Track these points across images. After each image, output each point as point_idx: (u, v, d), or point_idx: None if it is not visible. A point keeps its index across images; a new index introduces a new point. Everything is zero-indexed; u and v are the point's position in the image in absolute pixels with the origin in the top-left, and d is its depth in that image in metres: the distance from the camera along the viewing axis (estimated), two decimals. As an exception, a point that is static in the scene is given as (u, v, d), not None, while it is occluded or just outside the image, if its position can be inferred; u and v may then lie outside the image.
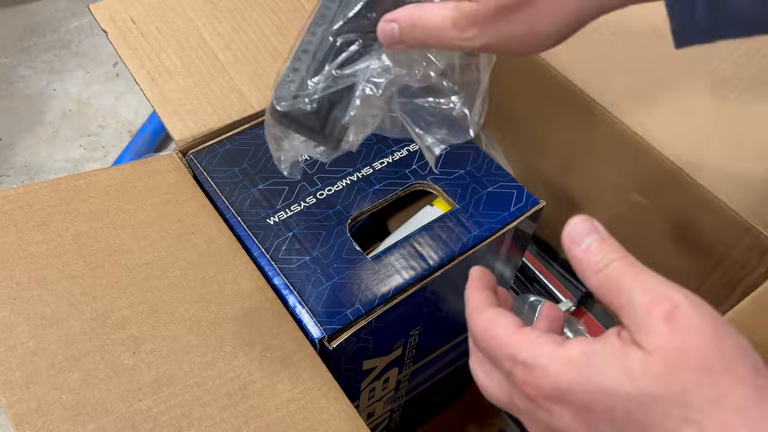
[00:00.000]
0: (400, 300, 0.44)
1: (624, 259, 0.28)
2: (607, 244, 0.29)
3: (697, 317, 0.25)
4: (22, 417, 0.34)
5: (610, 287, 0.28)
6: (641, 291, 0.26)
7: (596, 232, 0.29)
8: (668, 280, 0.27)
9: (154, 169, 0.48)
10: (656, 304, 0.26)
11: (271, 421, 0.37)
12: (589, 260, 0.29)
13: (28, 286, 0.39)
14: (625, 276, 0.27)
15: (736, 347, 0.25)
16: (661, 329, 0.25)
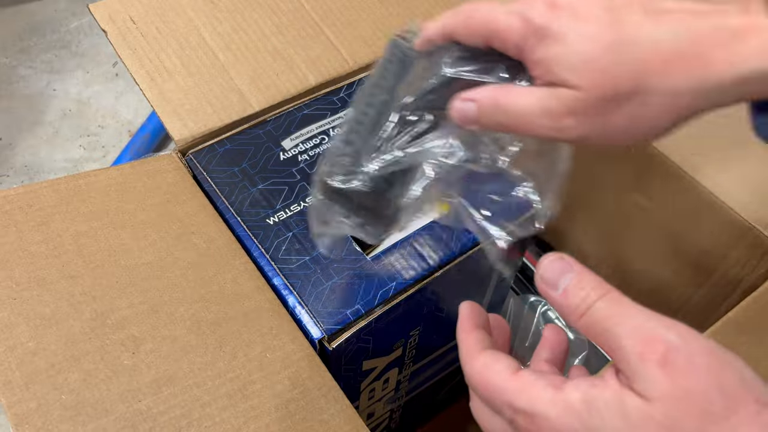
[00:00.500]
0: (400, 300, 0.44)
1: (605, 296, 0.27)
2: (584, 282, 0.28)
3: (693, 356, 0.24)
4: (21, 417, 0.34)
5: (597, 332, 0.27)
6: (630, 335, 0.25)
7: (570, 270, 0.28)
8: (656, 315, 0.26)
9: (153, 169, 0.48)
10: (648, 349, 0.24)
11: (270, 421, 0.37)
12: (569, 305, 0.28)
13: (28, 286, 0.39)
14: (610, 319, 0.26)
15: (738, 381, 0.24)
16: (657, 377, 0.24)
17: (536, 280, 0.29)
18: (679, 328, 0.25)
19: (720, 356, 0.24)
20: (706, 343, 0.24)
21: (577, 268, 0.28)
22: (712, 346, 0.24)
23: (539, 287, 0.29)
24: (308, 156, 0.51)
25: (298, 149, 0.51)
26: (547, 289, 0.28)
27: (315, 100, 0.55)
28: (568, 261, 0.28)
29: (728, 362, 0.24)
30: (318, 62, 0.56)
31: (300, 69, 0.55)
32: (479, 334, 0.31)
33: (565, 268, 0.28)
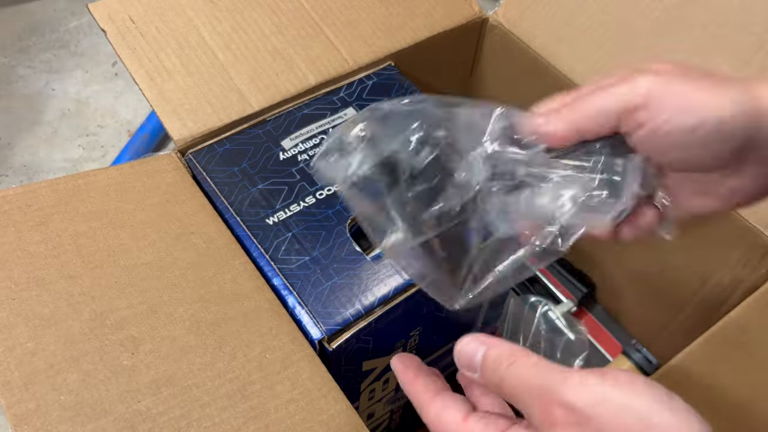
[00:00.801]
0: (400, 300, 0.44)
1: (513, 365, 0.28)
2: (494, 353, 0.29)
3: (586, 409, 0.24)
4: (21, 417, 0.34)
5: (515, 401, 0.28)
6: (532, 400, 0.26)
7: (483, 345, 0.29)
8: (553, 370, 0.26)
9: (153, 169, 0.48)
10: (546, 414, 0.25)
11: (270, 422, 0.37)
12: (488, 381, 0.29)
13: (27, 286, 0.39)
14: (517, 387, 0.27)
15: (640, 423, 0.24)
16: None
17: (456, 361, 0.31)
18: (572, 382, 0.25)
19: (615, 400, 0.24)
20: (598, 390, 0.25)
21: (490, 342, 0.30)
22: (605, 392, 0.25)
23: (459, 366, 0.31)
24: (308, 156, 0.51)
25: (298, 149, 0.51)
26: (467, 371, 0.30)
27: (315, 100, 0.55)
28: (480, 339, 0.30)
29: (623, 404, 0.24)
30: (318, 62, 0.56)
31: (300, 69, 0.55)
32: (423, 379, 0.32)
33: (476, 348, 0.30)
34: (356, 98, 0.55)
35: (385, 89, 0.56)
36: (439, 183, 0.33)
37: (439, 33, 0.61)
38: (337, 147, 0.33)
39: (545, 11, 0.61)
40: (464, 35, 0.64)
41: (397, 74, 0.57)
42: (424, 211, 0.33)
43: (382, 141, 0.32)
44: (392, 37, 0.59)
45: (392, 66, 0.58)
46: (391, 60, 0.59)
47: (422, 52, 0.60)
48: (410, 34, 0.60)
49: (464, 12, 0.63)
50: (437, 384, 0.32)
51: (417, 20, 0.60)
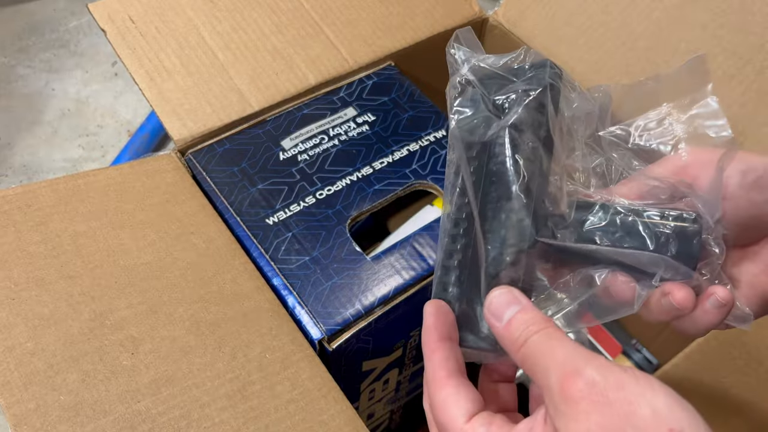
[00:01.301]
0: (400, 301, 0.44)
1: (543, 331, 0.28)
2: (527, 316, 0.29)
3: (608, 391, 0.25)
4: (20, 417, 0.34)
5: (531, 364, 0.28)
6: (554, 367, 0.26)
7: (516, 303, 0.30)
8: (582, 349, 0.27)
9: (152, 169, 0.48)
10: (566, 383, 0.25)
11: (270, 422, 0.37)
12: (510, 337, 0.29)
13: (27, 286, 0.39)
14: (540, 352, 0.28)
15: (650, 414, 0.24)
16: (575, 414, 0.25)
17: (484, 309, 0.31)
18: (597, 361, 0.26)
19: (632, 388, 0.25)
20: (619, 375, 0.25)
21: (524, 303, 0.30)
22: (624, 378, 0.25)
23: (485, 315, 0.31)
24: (308, 156, 0.51)
25: (298, 149, 0.51)
26: (493, 319, 0.30)
27: (315, 100, 0.55)
28: (516, 295, 0.30)
29: (640, 394, 0.25)
30: (318, 62, 0.56)
31: (300, 68, 0.55)
32: (446, 351, 0.32)
33: (511, 301, 0.30)
34: (356, 98, 0.55)
35: (385, 89, 0.56)
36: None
37: (440, 33, 0.61)
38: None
39: (545, 11, 0.61)
40: (464, 35, 0.64)
41: (397, 74, 0.57)
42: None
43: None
44: (392, 36, 0.59)
45: (392, 66, 0.58)
46: (391, 60, 0.59)
47: (422, 52, 0.60)
48: (410, 34, 0.60)
49: (464, 12, 0.63)
50: (455, 363, 0.31)
51: (417, 20, 0.60)
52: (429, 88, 0.59)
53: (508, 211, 0.31)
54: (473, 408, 0.30)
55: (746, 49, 0.51)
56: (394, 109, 0.54)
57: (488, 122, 0.33)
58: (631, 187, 0.35)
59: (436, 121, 0.54)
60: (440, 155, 0.52)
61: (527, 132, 0.32)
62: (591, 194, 0.34)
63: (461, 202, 0.33)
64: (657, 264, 0.31)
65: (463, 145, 0.32)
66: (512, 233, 0.31)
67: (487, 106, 0.33)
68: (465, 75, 0.35)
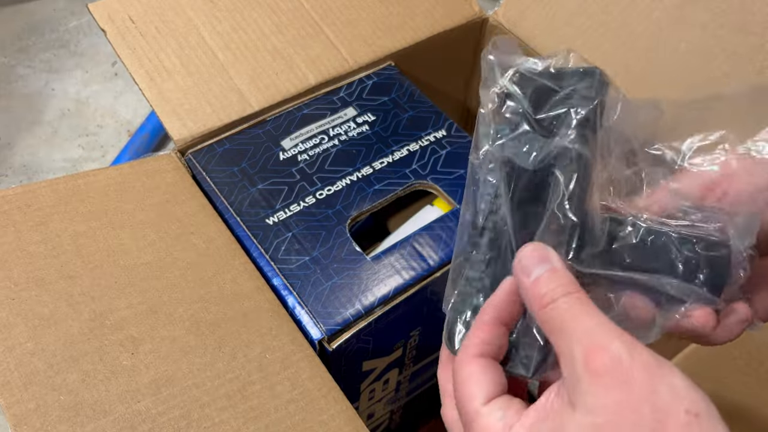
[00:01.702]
0: (400, 300, 0.44)
1: (571, 295, 0.27)
2: (557, 276, 0.28)
3: (632, 370, 0.24)
4: (20, 417, 0.34)
5: (553, 326, 0.27)
6: (580, 336, 0.26)
7: (548, 262, 0.29)
8: (609, 322, 0.26)
9: (152, 168, 0.48)
10: (591, 355, 0.25)
11: (270, 422, 0.37)
12: (536, 293, 0.28)
13: (27, 286, 0.39)
14: (567, 316, 0.27)
15: (669, 394, 0.24)
16: (595, 388, 0.24)
17: (514, 264, 0.30)
18: (625, 338, 0.25)
19: (654, 370, 0.25)
20: (645, 356, 0.25)
21: (556, 263, 0.29)
22: (649, 359, 0.25)
23: (515, 270, 0.30)
24: (308, 156, 0.51)
25: (298, 149, 0.51)
26: (521, 274, 0.29)
27: (315, 100, 0.55)
28: (549, 254, 0.29)
29: (661, 375, 0.24)
30: (318, 62, 0.56)
31: (300, 68, 0.55)
32: (491, 334, 0.30)
33: (543, 259, 0.29)
34: (356, 98, 0.55)
35: (385, 89, 0.56)
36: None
37: (440, 33, 0.61)
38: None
39: (545, 11, 0.61)
40: (464, 35, 0.64)
41: (397, 74, 0.57)
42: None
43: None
44: (392, 36, 0.59)
45: (392, 66, 0.58)
46: (391, 60, 0.59)
47: (422, 52, 0.60)
48: (410, 34, 0.60)
49: (464, 12, 0.63)
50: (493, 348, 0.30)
51: (417, 20, 0.60)
52: (429, 88, 0.59)
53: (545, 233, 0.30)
54: (495, 391, 0.29)
55: (746, 49, 0.51)
56: (394, 109, 0.54)
57: (533, 144, 0.31)
58: (655, 200, 0.33)
59: (436, 121, 0.54)
60: (440, 155, 0.52)
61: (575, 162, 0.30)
62: (612, 206, 0.33)
63: (494, 225, 0.32)
64: (685, 293, 0.31)
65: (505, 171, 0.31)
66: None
67: (531, 123, 0.32)
68: (505, 86, 0.33)
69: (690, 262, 0.31)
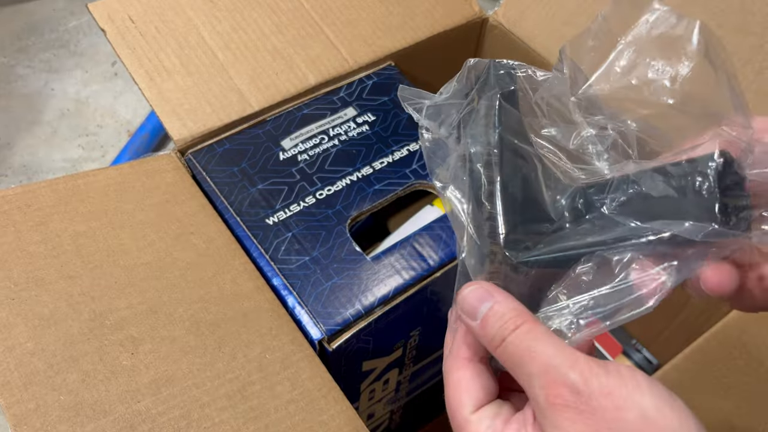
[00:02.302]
0: (400, 301, 0.44)
1: (519, 329, 0.27)
2: (502, 310, 0.28)
3: (594, 398, 0.24)
4: (20, 418, 0.34)
5: (512, 363, 0.27)
6: (537, 372, 0.26)
7: (490, 299, 0.28)
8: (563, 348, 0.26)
9: (152, 168, 0.48)
10: (553, 393, 0.25)
11: (270, 422, 0.37)
12: (486, 336, 0.28)
13: (27, 286, 0.39)
14: (520, 353, 0.26)
15: (639, 420, 0.24)
16: (558, 421, 0.24)
17: (456, 312, 0.29)
18: (581, 366, 0.25)
19: (618, 393, 0.24)
20: (606, 380, 0.25)
21: (498, 297, 0.28)
22: (611, 383, 0.25)
23: (460, 316, 0.29)
24: (308, 156, 0.51)
25: (298, 149, 0.51)
26: (467, 319, 0.29)
27: (315, 100, 0.55)
28: (488, 289, 0.29)
29: (626, 398, 0.24)
30: (318, 61, 0.56)
31: (300, 68, 0.55)
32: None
33: (484, 297, 0.28)
34: (356, 98, 0.55)
35: (385, 89, 0.56)
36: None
37: (440, 33, 0.61)
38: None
39: (545, 11, 0.61)
40: (464, 35, 0.64)
41: (397, 74, 0.57)
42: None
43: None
44: (392, 36, 0.59)
45: (392, 66, 0.58)
46: (391, 60, 0.58)
47: (422, 52, 0.60)
48: (410, 34, 0.60)
49: (464, 12, 0.63)
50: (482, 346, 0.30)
51: (417, 20, 0.60)
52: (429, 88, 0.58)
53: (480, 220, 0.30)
54: (485, 398, 0.29)
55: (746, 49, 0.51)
56: (394, 109, 0.54)
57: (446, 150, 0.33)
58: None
59: (436, 121, 0.54)
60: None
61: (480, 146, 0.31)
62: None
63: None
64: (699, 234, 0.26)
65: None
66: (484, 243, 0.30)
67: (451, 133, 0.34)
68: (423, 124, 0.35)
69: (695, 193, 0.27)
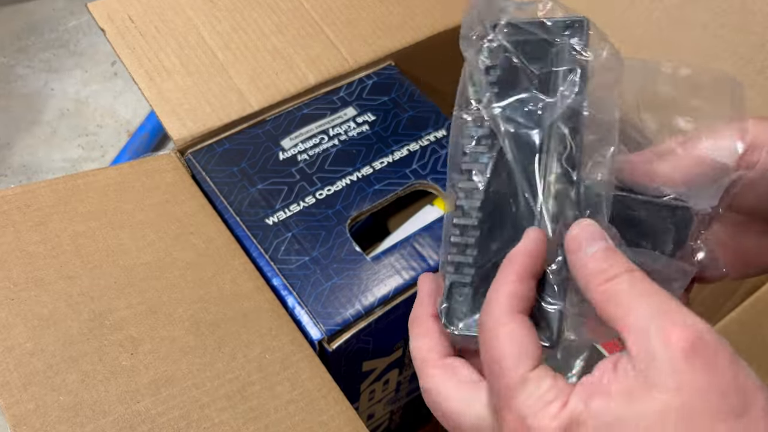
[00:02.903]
0: (400, 301, 0.44)
1: (634, 272, 0.26)
2: (616, 254, 0.27)
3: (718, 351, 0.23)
4: (20, 418, 0.34)
5: (618, 303, 0.25)
6: (656, 316, 0.24)
7: (604, 240, 0.28)
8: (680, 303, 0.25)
9: (152, 168, 0.48)
10: (676, 336, 0.23)
11: (270, 422, 0.37)
12: (595, 268, 0.27)
13: (26, 286, 0.39)
14: (635, 292, 0.25)
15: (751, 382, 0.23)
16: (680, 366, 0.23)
17: (566, 237, 0.28)
18: (705, 323, 0.24)
19: (732, 353, 0.24)
20: (727, 343, 0.24)
21: (611, 242, 0.28)
22: (725, 342, 0.24)
23: (567, 243, 0.28)
24: (308, 156, 0.51)
25: (298, 149, 0.51)
26: (576, 248, 0.28)
27: (314, 100, 0.55)
28: (603, 232, 0.28)
29: (738, 360, 0.24)
30: (318, 61, 0.56)
31: (299, 68, 0.55)
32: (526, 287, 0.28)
33: (600, 236, 0.28)
34: (356, 98, 0.55)
35: (386, 89, 0.56)
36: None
37: (440, 32, 0.61)
38: None
39: (545, 11, 0.61)
40: (464, 35, 0.64)
41: (397, 74, 0.57)
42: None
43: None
44: (392, 36, 0.59)
45: (392, 65, 0.58)
46: (391, 59, 0.58)
47: (423, 52, 0.60)
48: (410, 34, 0.59)
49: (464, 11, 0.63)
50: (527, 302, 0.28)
51: (417, 19, 0.60)
52: (429, 88, 0.58)
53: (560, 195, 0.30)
54: (539, 354, 0.27)
55: (747, 48, 0.51)
56: (394, 108, 0.54)
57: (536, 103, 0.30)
58: (676, 167, 0.31)
59: (436, 121, 0.54)
60: (440, 155, 0.52)
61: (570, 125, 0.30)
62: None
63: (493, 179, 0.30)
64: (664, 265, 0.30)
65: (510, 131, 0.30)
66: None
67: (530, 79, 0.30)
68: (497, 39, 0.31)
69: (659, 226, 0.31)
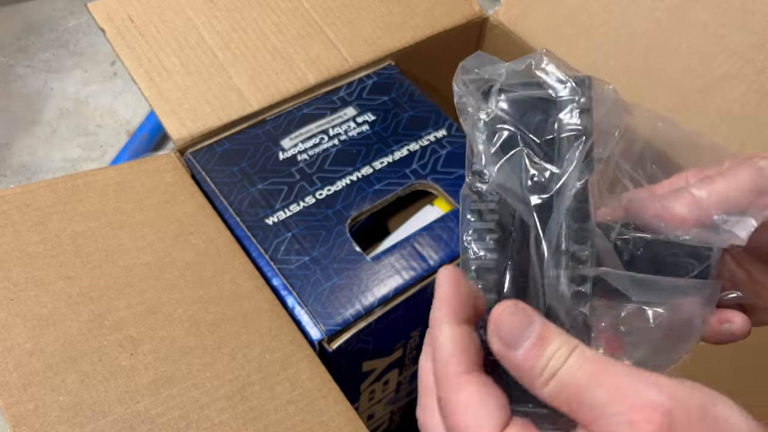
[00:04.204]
0: (400, 301, 0.44)
1: (575, 353, 0.23)
2: (551, 337, 0.23)
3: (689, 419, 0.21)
4: (19, 418, 0.34)
5: (570, 397, 0.23)
6: (617, 401, 0.22)
7: (533, 323, 0.24)
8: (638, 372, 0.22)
9: (152, 168, 0.48)
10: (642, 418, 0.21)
11: (270, 423, 0.37)
12: (533, 368, 0.23)
13: (26, 286, 0.39)
14: (586, 382, 0.22)
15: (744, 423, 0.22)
16: None
17: (488, 334, 0.25)
18: (668, 387, 0.22)
19: (710, 409, 0.22)
20: (694, 394, 0.22)
21: (540, 320, 0.24)
22: (701, 398, 0.22)
23: (491, 343, 0.25)
24: (307, 155, 0.51)
25: (298, 149, 0.51)
26: (504, 349, 0.24)
27: (314, 100, 0.55)
28: (529, 312, 0.24)
29: (719, 415, 0.22)
30: (317, 61, 0.56)
31: (299, 68, 0.55)
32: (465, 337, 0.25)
33: (525, 321, 0.24)
34: (356, 98, 0.55)
35: (386, 89, 0.56)
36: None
37: (440, 32, 0.61)
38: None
39: (546, 11, 0.61)
40: (465, 35, 0.64)
41: (397, 74, 0.57)
42: None
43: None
44: (392, 36, 0.59)
45: (392, 65, 0.58)
46: (391, 59, 0.58)
47: (423, 52, 0.60)
48: (410, 34, 0.59)
49: (464, 11, 0.62)
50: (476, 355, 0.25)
51: (417, 19, 0.60)
52: (429, 88, 0.58)
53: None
54: (505, 415, 0.24)
55: (747, 48, 0.51)
56: (394, 108, 0.54)
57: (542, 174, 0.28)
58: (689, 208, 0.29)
59: (436, 121, 0.54)
60: (440, 155, 0.52)
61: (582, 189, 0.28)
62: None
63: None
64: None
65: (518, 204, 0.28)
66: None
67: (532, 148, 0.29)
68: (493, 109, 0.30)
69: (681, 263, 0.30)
